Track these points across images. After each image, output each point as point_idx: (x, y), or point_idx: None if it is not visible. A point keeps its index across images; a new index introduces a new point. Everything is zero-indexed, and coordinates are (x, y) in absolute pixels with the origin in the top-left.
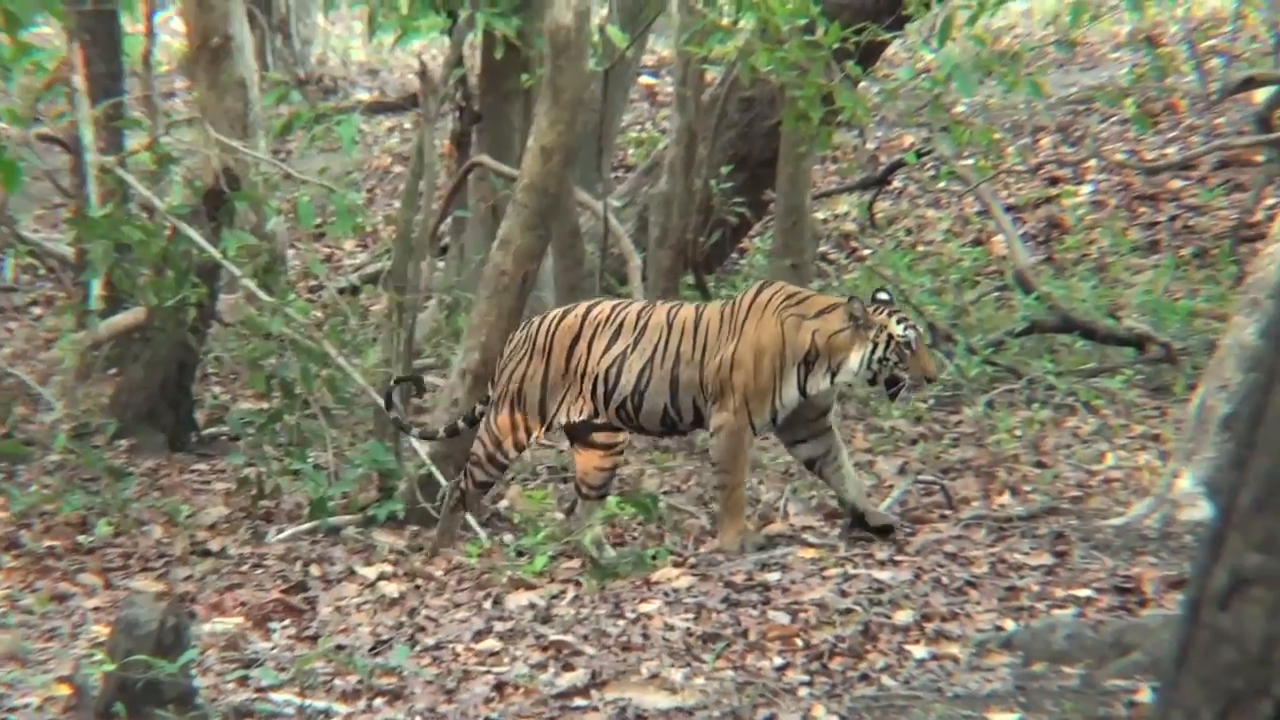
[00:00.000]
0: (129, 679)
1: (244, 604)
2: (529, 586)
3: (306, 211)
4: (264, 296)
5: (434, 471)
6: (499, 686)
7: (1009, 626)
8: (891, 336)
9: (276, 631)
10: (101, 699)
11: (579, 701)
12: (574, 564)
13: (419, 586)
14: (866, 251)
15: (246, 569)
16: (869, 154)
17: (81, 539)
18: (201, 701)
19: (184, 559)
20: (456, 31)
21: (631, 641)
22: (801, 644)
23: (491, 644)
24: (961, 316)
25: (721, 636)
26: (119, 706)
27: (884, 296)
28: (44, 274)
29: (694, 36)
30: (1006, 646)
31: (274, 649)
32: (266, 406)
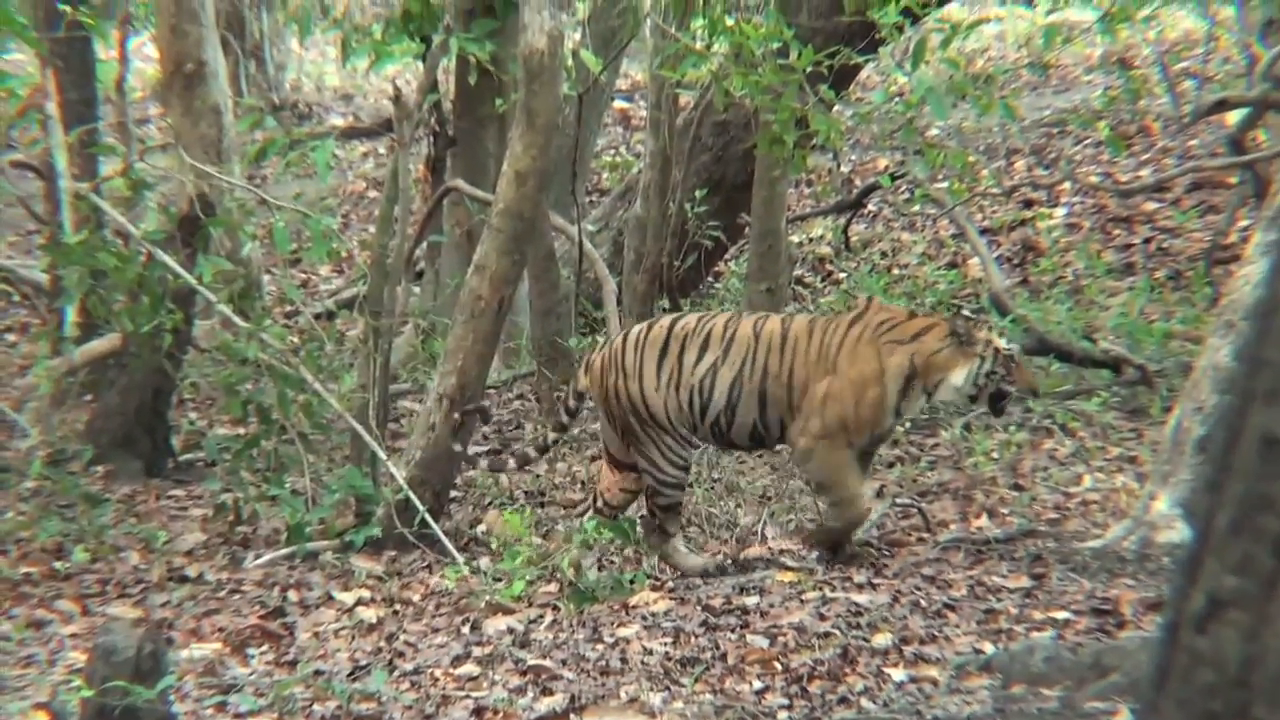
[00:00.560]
0: (107, 705)
1: (222, 630)
2: (507, 611)
3: (282, 237)
4: (240, 322)
5: (411, 497)
6: (478, 711)
7: (988, 649)
8: (998, 350)
9: (254, 657)
10: None
11: None
12: (552, 588)
13: (397, 612)
14: (842, 275)
15: (224, 595)
16: (843, 177)
17: (58, 565)
18: None
19: (161, 585)
20: (431, 56)
21: (610, 666)
22: (780, 667)
23: (470, 669)
24: None
25: (700, 660)
26: None
27: (968, 312)
28: (18, 300)
29: (668, 60)
30: (985, 669)
31: (252, 674)
32: (243, 432)
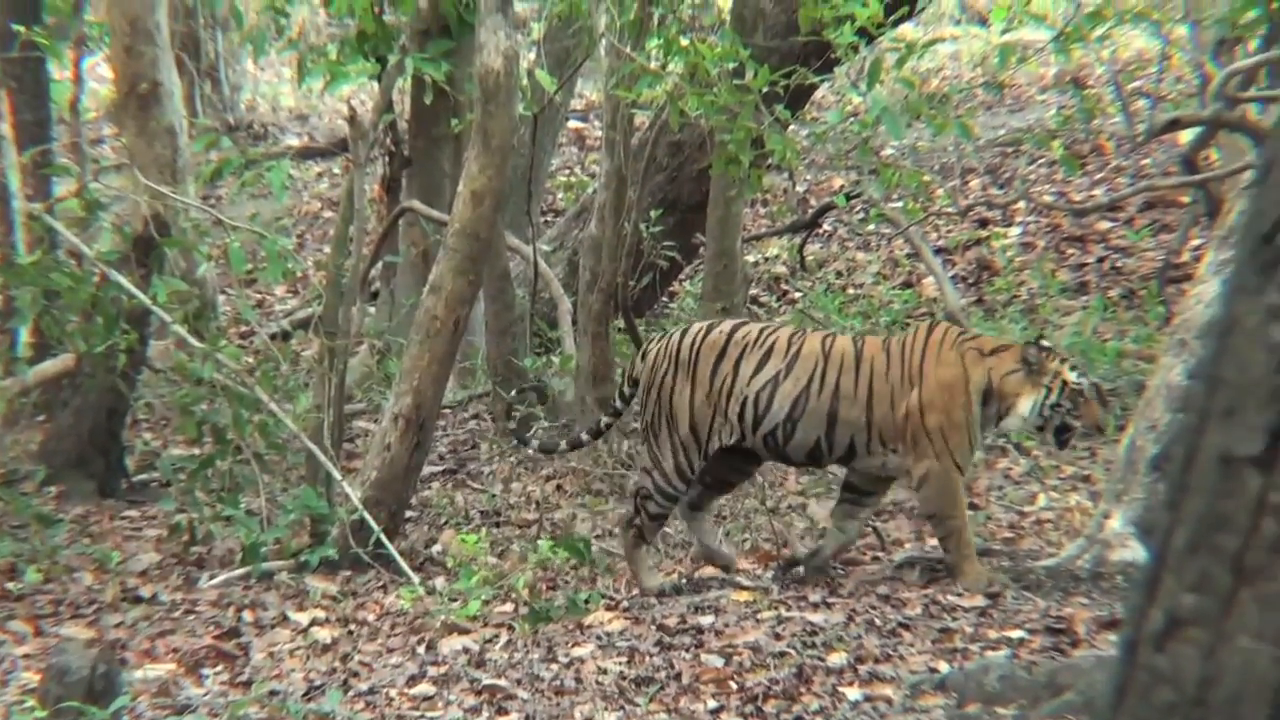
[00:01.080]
0: None
1: (176, 650)
2: (462, 631)
3: (237, 257)
4: (195, 342)
5: (366, 517)
6: None
7: (942, 668)
8: (1066, 383)
9: (209, 678)
10: None
11: None
12: (507, 608)
13: (352, 632)
14: (797, 294)
15: (178, 615)
16: (799, 197)
17: (11, 586)
18: None
19: (115, 605)
20: (386, 77)
21: (565, 685)
22: (735, 686)
23: (425, 689)
24: None
25: (655, 680)
26: None
27: (1046, 345)
28: None
29: (622, 80)
30: (940, 688)
31: (207, 695)
32: (198, 452)
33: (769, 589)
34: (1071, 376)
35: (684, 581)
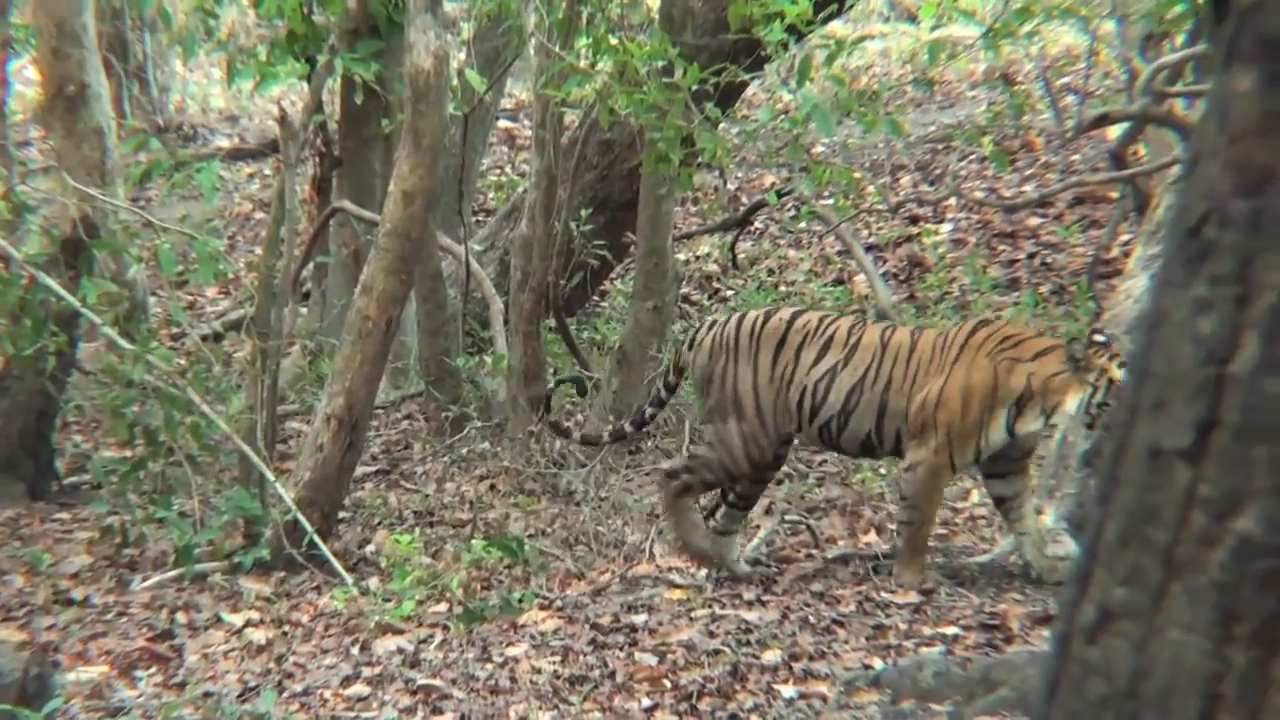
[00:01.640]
0: None
1: (109, 652)
2: (397, 631)
3: (168, 259)
4: (125, 344)
5: (299, 518)
6: None
7: (877, 665)
8: (1112, 380)
9: (143, 680)
10: None
11: None
12: (441, 608)
13: (286, 633)
14: (729, 292)
15: (111, 617)
16: (730, 195)
17: None
18: None
19: (47, 608)
20: (316, 77)
21: (499, 685)
22: (670, 685)
23: (360, 689)
24: None
25: (589, 679)
26: None
27: (1101, 339)
28: None
29: (552, 79)
30: (875, 685)
31: (140, 697)
32: (130, 454)
33: (702, 587)
34: (1119, 374)
35: (761, 556)
